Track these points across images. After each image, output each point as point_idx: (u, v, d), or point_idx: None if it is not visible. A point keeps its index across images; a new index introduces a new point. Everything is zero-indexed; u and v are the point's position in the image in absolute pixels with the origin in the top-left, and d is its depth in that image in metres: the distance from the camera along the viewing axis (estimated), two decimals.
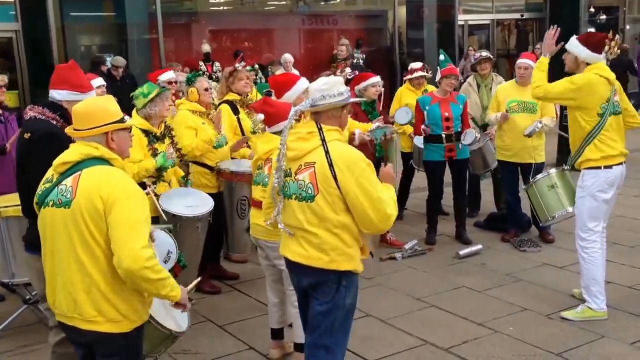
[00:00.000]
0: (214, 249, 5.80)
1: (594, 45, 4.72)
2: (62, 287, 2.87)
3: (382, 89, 6.50)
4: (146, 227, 2.83)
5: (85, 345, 2.98)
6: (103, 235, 2.78)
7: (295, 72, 9.55)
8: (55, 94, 3.75)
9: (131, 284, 2.79)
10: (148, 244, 2.79)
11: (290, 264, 3.37)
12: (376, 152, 6.11)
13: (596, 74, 4.68)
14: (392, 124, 6.54)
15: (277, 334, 4.48)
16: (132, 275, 2.73)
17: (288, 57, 11.16)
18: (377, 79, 6.37)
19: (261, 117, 3.97)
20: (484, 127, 7.22)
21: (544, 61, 4.85)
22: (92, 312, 2.83)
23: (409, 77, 7.34)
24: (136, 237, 2.75)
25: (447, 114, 6.43)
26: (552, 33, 4.90)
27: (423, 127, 6.39)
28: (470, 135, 6.37)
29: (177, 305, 2.97)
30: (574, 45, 4.76)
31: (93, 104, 3.03)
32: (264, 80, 10.08)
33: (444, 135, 6.41)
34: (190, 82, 5.48)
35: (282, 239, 3.41)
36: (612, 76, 4.74)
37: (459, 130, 6.45)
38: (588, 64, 4.73)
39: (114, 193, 2.78)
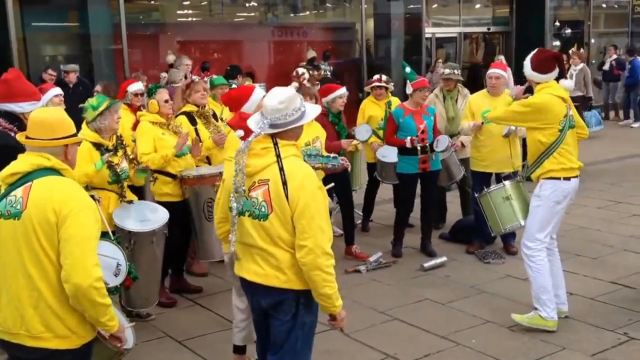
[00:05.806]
0: (176, 262, 5.71)
1: (538, 65, 4.76)
2: (8, 302, 2.77)
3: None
4: (96, 242, 2.77)
5: None
6: (54, 248, 2.70)
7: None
8: (15, 107, 3.64)
9: (74, 300, 2.70)
10: (98, 261, 2.72)
11: (247, 284, 3.27)
12: None
13: (549, 93, 4.72)
14: (354, 136, 6.59)
15: (240, 350, 4.38)
16: (78, 291, 2.65)
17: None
18: (342, 91, 6.42)
19: (240, 132, 3.86)
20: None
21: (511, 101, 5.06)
22: (40, 328, 2.74)
23: (368, 87, 7.50)
24: (88, 253, 2.69)
25: (421, 126, 6.42)
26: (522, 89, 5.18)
27: (410, 138, 6.33)
28: (443, 141, 6.35)
29: (112, 337, 2.89)
30: (525, 63, 4.84)
31: (54, 115, 2.94)
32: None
33: (418, 147, 6.38)
34: (150, 94, 5.42)
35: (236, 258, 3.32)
36: (566, 94, 4.80)
37: (432, 141, 6.43)
38: (537, 83, 4.79)
39: (68, 205, 2.71)
